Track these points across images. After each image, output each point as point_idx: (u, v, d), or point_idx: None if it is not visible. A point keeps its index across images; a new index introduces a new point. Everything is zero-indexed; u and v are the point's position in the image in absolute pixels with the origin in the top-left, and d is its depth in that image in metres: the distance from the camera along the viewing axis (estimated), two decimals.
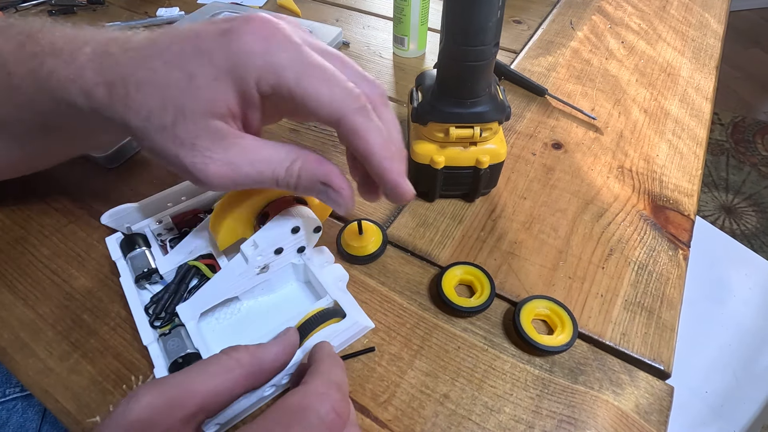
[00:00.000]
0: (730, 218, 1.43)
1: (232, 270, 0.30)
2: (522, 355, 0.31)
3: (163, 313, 0.30)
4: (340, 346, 0.30)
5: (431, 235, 0.38)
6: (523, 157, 0.45)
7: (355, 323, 0.29)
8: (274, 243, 0.29)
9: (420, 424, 0.28)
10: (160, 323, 0.30)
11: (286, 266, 0.32)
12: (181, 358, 0.28)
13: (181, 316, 0.29)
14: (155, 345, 0.29)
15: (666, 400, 0.29)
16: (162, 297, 0.31)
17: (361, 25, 0.64)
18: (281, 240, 0.29)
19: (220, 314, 0.32)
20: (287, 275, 0.33)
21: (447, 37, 0.31)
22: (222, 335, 0.31)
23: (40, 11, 0.68)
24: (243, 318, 0.32)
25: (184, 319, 0.29)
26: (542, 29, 0.63)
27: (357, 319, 0.29)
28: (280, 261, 0.31)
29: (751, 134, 1.70)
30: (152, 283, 0.33)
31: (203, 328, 0.31)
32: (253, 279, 0.30)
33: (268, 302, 0.33)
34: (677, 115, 0.49)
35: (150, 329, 0.30)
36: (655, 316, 0.33)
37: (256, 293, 0.32)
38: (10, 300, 0.34)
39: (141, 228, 0.35)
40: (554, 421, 0.28)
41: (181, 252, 0.33)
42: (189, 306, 0.30)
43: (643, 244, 0.37)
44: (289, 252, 0.30)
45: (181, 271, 0.32)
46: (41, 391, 0.30)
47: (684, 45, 0.60)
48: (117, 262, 0.33)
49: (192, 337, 0.29)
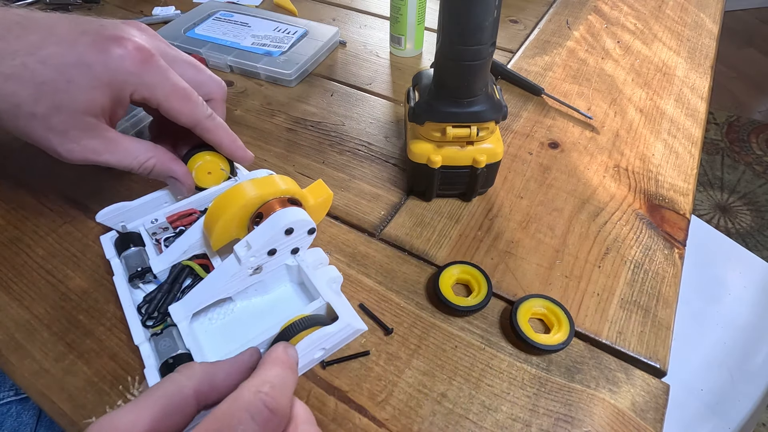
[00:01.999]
0: (725, 217, 1.44)
1: (225, 270, 0.29)
2: (519, 354, 0.31)
3: (156, 313, 0.30)
4: (333, 348, 0.30)
5: (428, 235, 0.38)
6: (520, 156, 0.45)
7: (348, 326, 0.29)
8: (268, 244, 0.29)
9: (417, 423, 0.28)
10: (152, 323, 0.30)
11: (280, 267, 0.32)
12: (172, 359, 0.27)
13: (173, 316, 0.29)
14: (146, 345, 0.29)
15: (662, 398, 0.29)
16: (155, 296, 0.31)
17: (358, 25, 0.64)
18: (275, 241, 0.29)
19: (213, 314, 0.32)
20: (281, 276, 0.33)
21: (444, 37, 0.31)
22: (214, 336, 0.31)
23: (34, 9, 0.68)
24: (236, 318, 0.32)
25: (177, 319, 0.29)
26: (539, 29, 0.63)
27: (349, 321, 0.29)
28: (273, 262, 0.30)
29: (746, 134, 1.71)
30: (146, 282, 0.33)
31: (196, 328, 0.31)
32: (246, 280, 0.30)
33: (261, 303, 0.33)
34: (673, 115, 0.50)
35: (142, 329, 0.29)
36: (651, 315, 0.33)
37: (249, 294, 0.32)
38: (5, 301, 0.34)
39: (136, 227, 0.34)
40: (551, 420, 0.28)
41: (175, 251, 0.33)
42: (181, 306, 0.30)
43: (639, 243, 0.38)
44: (282, 253, 0.30)
45: (174, 271, 0.32)
46: (37, 393, 0.30)
47: (679, 45, 0.60)
48: (111, 261, 0.33)
49: (184, 338, 0.29)
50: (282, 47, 0.57)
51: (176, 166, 0.35)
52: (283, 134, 0.48)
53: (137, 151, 0.33)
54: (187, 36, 0.59)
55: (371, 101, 0.52)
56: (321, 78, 0.55)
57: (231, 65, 0.56)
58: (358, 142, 0.47)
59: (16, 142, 0.47)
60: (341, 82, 0.55)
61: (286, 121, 0.49)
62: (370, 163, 0.45)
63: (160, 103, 0.32)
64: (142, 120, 0.45)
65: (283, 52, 0.56)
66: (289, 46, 0.57)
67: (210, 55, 0.56)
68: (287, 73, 0.53)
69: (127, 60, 0.30)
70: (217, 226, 0.30)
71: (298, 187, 0.31)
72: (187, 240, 0.33)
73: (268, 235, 0.29)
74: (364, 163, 0.45)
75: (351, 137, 0.47)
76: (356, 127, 0.49)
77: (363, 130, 0.48)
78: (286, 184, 0.31)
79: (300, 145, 0.46)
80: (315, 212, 0.33)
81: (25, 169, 0.44)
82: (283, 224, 0.28)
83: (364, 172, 0.44)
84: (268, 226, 0.29)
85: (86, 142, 0.31)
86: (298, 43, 0.57)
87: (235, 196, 0.29)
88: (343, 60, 0.58)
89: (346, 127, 0.49)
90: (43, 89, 0.28)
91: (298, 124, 0.49)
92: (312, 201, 0.32)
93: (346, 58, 0.58)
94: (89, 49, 0.29)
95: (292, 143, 0.47)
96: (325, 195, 0.33)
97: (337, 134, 0.48)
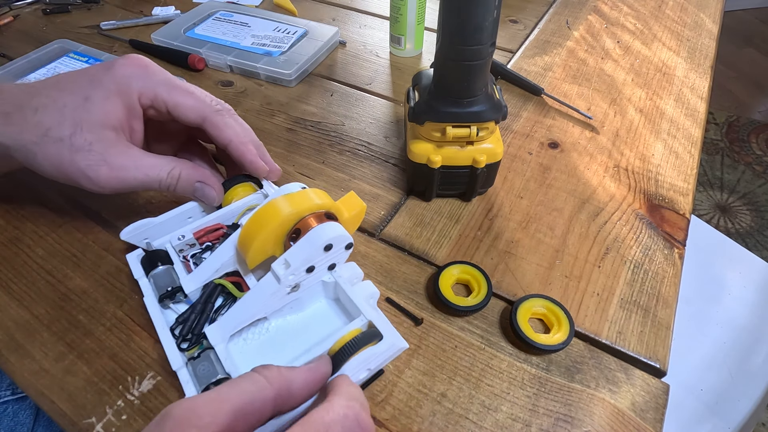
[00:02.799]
0: (724, 217, 1.44)
1: (263, 290, 0.28)
2: (519, 354, 0.31)
3: (190, 335, 0.29)
4: (375, 369, 0.29)
5: (428, 235, 0.38)
6: (520, 156, 0.45)
7: (392, 345, 0.27)
8: (307, 261, 0.28)
9: (417, 423, 0.28)
10: (187, 345, 0.29)
11: (316, 284, 0.30)
12: (212, 384, 0.26)
13: (210, 338, 0.28)
14: (184, 370, 0.28)
15: (662, 397, 0.29)
16: (188, 317, 0.30)
17: (358, 25, 0.64)
18: (313, 258, 0.28)
19: (248, 334, 0.31)
20: (317, 293, 0.32)
21: (444, 36, 0.31)
22: (250, 356, 0.30)
23: (35, 10, 0.68)
24: (271, 338, 0.31)
25: (214, 342, 0.28)
26: (538, 29, 0.63)
27: (393, 341, 0.27)
28: (311, 279, 0.29)
29: (746, 133, 1.71)
30: (176, 302, 0.31)
31: (231, 349, 0.29)
32: (284, 298, 0.29)
33: (296, 321, 0.31)
34: (672, 115, 0.50)
35: (178, 353, 0.28)
36: (651, 315, 0.33)
37: (284, 312, 0.31)
38: (4, 301, 0.34)
39: (162, 244, 0.33)
40: (551, 420, 0.28)
41: (207, 270, 0.31)
42: (218, 327, 0.28)
43: (639, 242, 0.38)
44: (320, 270, 0.29)
45: (207, 290, 0.31)
46: (37, 393, 0.30)
47: (679, 45, 0.60)
48: (139, 281, 0.32)
49: (222, 361, 0.27)
50: (282, 47, 0.57)
51: (201, 171, 0.34)
52: (283, 134, 0.48)
53: (162, 163, 0.33)
54: (186, 36, 0.59)
55: (371, 101, 0.52)
56: (321, 78, 0.55)
57: (231, 65, 0.56)
58: (358, 142, 0.47)
59: None
60: (341, 82, 0.55)
61: (286, 121, 0.49)
62: (370, 163, 0.45)
63: (165, 101, 0.33)
64: None
65: (283, 52, 0.56)
66: (289, 46, 0.57)
67: (210, 55, 0.56)
68: (287, 73, 0.53)
69: (128, 68, 0.33)
70: (253, 245, 0.28)
71: (332, 201, 0.30)
72: (219, 258, 0.31)
73: (307, 252, 0.28)
74: (363, 163, 0.45)
75: (351, 137, 0.47)
76: (356, 127, 0.49)
77: (363, 130, 0.48)
78: (321, 198, 0.30)
79: (300, 145, 0.46)
80: (349, 225, 0.32)
81: (25, 169, 0.44)
82: (322, 241, 0.27)
83: (364, 172, 0.44)
84: (306, 242, 0.28)
85: (112, 159, 0.31)
86: (298, 43, 0.57)
87: (270, 214, 0.28)
88: (343, 60, 0.58)
89: (346, 127, 0.49)
90: (65, 111, 0.31)
91: (297, 124, 0.49)
92: (346, 214, 0.31)
93: (346, 58, 0.58)
94: (98, 69, 0.33)
95: (292, 143, 0.47)
96: (358, 208, 0.32)
97: (337, 134, 0.48)
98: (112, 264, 0.36)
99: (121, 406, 0.29)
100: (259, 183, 0.36)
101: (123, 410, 0.29)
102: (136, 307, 0.33)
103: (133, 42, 0.60)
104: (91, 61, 0.54)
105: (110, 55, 0.54)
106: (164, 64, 0.57)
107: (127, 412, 0.29)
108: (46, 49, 0.55)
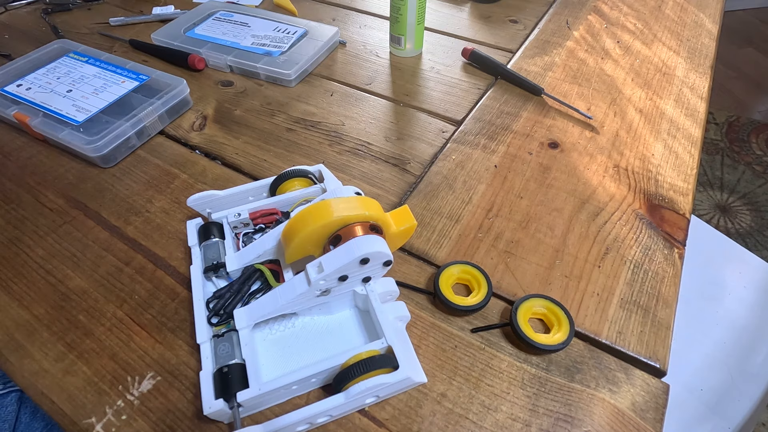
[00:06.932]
0: (724, 217, 1.44)
1: (293, 288, 0.29)
2: (519, 354, 0.31)
3: (222, 311, 0.30)
4: (385, 397, 0.29)
5: (428, 235, 0.38)
6: (520, 156, 0.45)
7: (407, 378, 0.27)
8: (341, 270, 0.28)
9: (417, 423, 0.28)
10: (217, 320, 0.30)
11: (348, 292, 0.30)
12: (226, 367, 0.27)
13: (237, 321, 0.29)
14: (207, 345, 0.28)
15: (662, 397, 0.29)
16: (224, 294, 0.31)
17: (358, 25, 0.64)
18: (348, 268, 0.28)
19: (274, 325, 0.31)
20: (347, 300, 0.32)
21: None
22: (272, 347, 0.30)
23: (35, 9, 0.68)
24: (295, 334, 0.31)
25: (239, 326, 0.29)
26: (538, 29, 0.63)
27: (409, 374, 0.27)
28: (343, 287, 0.29)
29: (746, 133, 1.71)
30: (218, 276, 0.33)
31: (255, 336, 0.30)
32: (312, 300, 0.29)
33: (322, 323, 0.32)
34: (672, 115, 0.50)
35: (206, 327, 0.29)
36: (651, 315, 0.33)
37: (313, 311, 0.32)
38: (5, 301, 0.34)
39: (220, 218, 0.35)
40: (551, 419, 0.28)
41: (250, 253, 0.32)
42: (246, 313, 0.29)
43: (639, 242, 0.38)
44: (353, 280, 0.29)
45: (246, 273, 0.32)
46: (37, 393, 0.30)
47: (679, 45, 0.60)
48: (192, 248, 0.33)
49: (243, 346, 0.28)
50: (282, 47, 0.57)
51: None
52: (283, 134, 0.48)
53: None
54: (186, 36, 0.59)
55: (371, 101, 0.52)
56: (321, 78, 0.55)
57: (231, 65, 0.56)
58: (358, 142, 0.47)
59: (16, 141, 0.47)
60: (341, 82, 0.55)
61: (286, 121, 0.49)
62: (370, 163, 0.45)
63: None
64: (141, 120, 0.45)
65: (283, 52, 0.56)
66: (289, 46, 0.57)
67: (210, 55, 0.56)
68: (287, 73, 0.53)
69: None
70: (294, 241, 0.29)
71: (382, 212, 0.30)
72: (263, 245, 0.32)
73: (342, 262, 0.27)
74: (363, 163, 0.45)
75: (351, 137, 0.47)
76: (356, 127, 0.49)
77: (363, 130, 0.48)
78: (371, 209, 0.29)
79: (300, 145, 0.46)
80: (395, 240, 0.31)
81: (25, 169, 0.44)
82: (359, 254, 0.27)
83: (364, 172, 0.44)
84: (343, 252, 0.27)
85: None
86: (298, 43, 0.57)
87: (317, 214, 0.28)
88: (343, 60, 0.58)
89: (346, 127, 0.49)
90: None
91: (298, 124, 0.49)
92: (394, 228, 0.30)
93: (346, 58, 0.58)
94: None
95: (292, 143, 0.47)
96: (409, 223, 0.31)
97: (337, 134, 0.48)
98: (112, 264, 0.36)
99: (120, 406, 0.29)
100: (314, 179, 0.37)
101: (123, 410, 0.29)
102: (136, 307, 0.34)
103: (133, 42, 0.60)
104: (91, 61, 0.54)
105: (110, 56, 0.54)
106: (164, 64, 0.57)
107: (126, 412, 0.29)
108: (46, 49, 0.55)
